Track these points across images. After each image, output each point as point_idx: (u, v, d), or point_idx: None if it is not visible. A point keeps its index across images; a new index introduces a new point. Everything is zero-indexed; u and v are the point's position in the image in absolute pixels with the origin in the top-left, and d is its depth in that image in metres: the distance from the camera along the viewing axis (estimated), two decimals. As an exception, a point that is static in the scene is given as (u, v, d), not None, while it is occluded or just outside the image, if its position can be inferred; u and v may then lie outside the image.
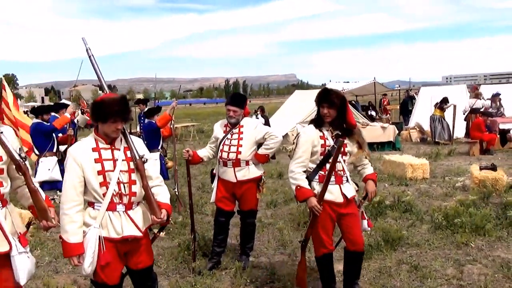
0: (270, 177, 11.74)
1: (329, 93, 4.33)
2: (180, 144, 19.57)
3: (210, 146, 5.74)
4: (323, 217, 4.35)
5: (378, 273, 5.25)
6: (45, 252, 6.56)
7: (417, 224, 7.09)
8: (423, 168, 10.77)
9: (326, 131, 4.38)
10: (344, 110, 4.27)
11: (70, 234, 3.32)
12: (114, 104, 3.42)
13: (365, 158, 4.60)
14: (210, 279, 5.30)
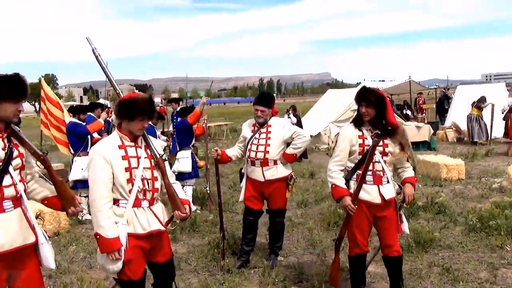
0: (302, 177, 11.72)
1: (366, 92, 4.28)
2: (213, 143, 19.75)
3: (238, 145, 5.78)
4: (359, 217, 4.32)
5: (409, 275, 5.16)
6: (80, 248, 6.70)
7: (450, 226, 6.95)
8: (459, 168, 10.56)
9: (366, 131, 4.33)
10: (383, 108, 4.18)
11: (107, 230, 3.40)
12: (143, 103, 3.55)
13: (407, 161, 4.39)
14: (239, 277, 5.32)
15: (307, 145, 5.64)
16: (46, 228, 7.15)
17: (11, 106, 3.09)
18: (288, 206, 8.65)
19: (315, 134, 17.39)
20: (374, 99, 4.19)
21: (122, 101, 3.59)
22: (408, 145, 4.32)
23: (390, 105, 4.29)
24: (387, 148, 4.28)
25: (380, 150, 4.27)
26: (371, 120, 4.27)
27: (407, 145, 4.30)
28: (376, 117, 4.23)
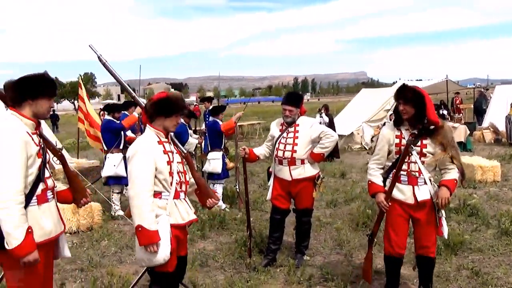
0: (333, 176, 11.70)
1: (404, 89, 4.24)
2: (245, 141, 19.88)
3: (266, 144, 5.83)
4: (394, 216, 4.37)
5: (436, 278, 5.08)
6: (112, 243, 6.87)
7: (482, 229, 6.83)
8: (494, 170, 10.32)
9: (405, 130, 4.29)
10: (423, 107, 4.07)
11: (151, 222, 3.52)
12: (178, 100, 3.80)
13: (450, 162, 4.21)
14: (265, 275, 5.37)
15: (334, 145, 5.59)
16: (80, 223, 7.44)
17: (46, 103, 3.28)
18: (317, 205, 8.69)
19: (347, 133, 17.29)
20: (412, 96, 4.13)
21: (159, 99, 3.74)
22: (452, 146, 4.16)
23: (431, 104, 4.16)
24: (425, 148, 4.19)
25: (418, 150, 4.21)
26: (409, 119, 4.21)
27: (450, 145, 4.13)
28: (415, 115, 4.15)
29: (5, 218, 2.94)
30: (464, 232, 6.49)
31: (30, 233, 3.02)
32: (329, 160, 14.25)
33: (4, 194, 2.95)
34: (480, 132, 18.22)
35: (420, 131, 4.20)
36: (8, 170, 2.99)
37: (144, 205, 3.54)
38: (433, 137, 4.16)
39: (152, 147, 3.66)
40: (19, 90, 3.20)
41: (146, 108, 3.80)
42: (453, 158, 4.17)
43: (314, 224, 7.36)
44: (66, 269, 5.87)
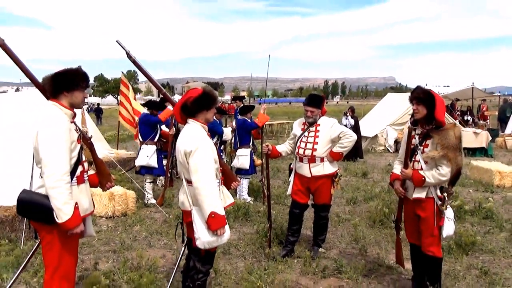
0: (355, 176, 11.65)
1: (417, 90, 4.32)
2: (274, 140, 19.91)
3: (289, 142, 5.89)
4: (406, 209, 4.55)
5: (446, 275, 5.06)
6: (143, 228, 7.05)
7: (495, 232, 6.73)
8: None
9: (419, 130, 4.33)
10: (433, 107, 4.10)
11: (221, 208, 3.71)
12: (214, 93, 4.02)
13: (446, 163, 4.09)
14: (282, 265, 5.45)
15: (353, 145, 5.60)
16: (116, 209, 7.65)
17: (80, 94, 3.49)
18: (338, 202, 8.72)
19: (372, 135, 17.16)
20: (424, 97, 4.17)
21: (199, 95, 3.84)
22: (452, 148, 4.07)
23: (442, 106, 4.18)
24: (426, 148, 4.22)
25: (421, 150, 4.26)
26: (421, 119, 4.25)
27: (449, 147, 4.07)
28: (426, 116, 4.19)
29: (56, 196, 3.19)
30: (476, 234, 6.41)
31: (77, 208, 3.30)
32: (353, 160, 14.20)
33: (54, 175, 3.20)
34: (503, 138, 17.80)
35: (427, 131, 4.22)
36: (57, 154, 3.24)
37: (214, 193, 3.69)
38: (435, 138, 4.16)
39: (209, 141, 3.83)
40: (56, 83, 3.40)
41: (187, 105, 3.81)
42: (450, 160, 4.09)
43: (333, 220, 7.39)
44: (100, 250, 6.07)
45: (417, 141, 4.30)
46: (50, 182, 3.20)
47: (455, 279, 5.01)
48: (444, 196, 4.22)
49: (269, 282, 4.84)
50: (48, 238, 3.41)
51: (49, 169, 3.21)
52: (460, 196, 8.51)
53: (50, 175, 3.21)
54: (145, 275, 4.78)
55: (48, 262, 3.45)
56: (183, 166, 3.84)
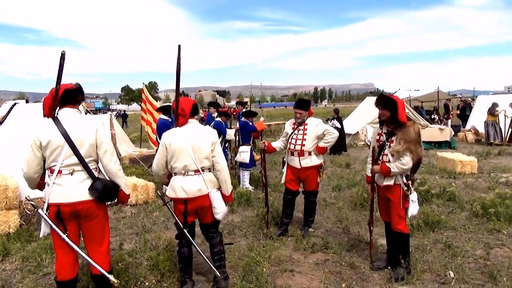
0: (339, 166, 11.58)
1: (381, 97, 4.30)
2: (272, 137, 19.84)
3: (282, 139, 5.85)
4: (379, 194, 4.51)
5: (415, 249, 5.03)
6: (162, 214, 7.00)
7: (457, 211, 6.67)
8: (472, 164, 10.03)
9: (385, 129, 4.31)
10: (395, 110, 4.09)
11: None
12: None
13: (408, 155, 4.04)
14: (278, 242, 5.41)
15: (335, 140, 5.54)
16: (138, 198, 7.60)
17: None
18: (325, 189, 8.66)
19: (354, 132, 17.06)
20: (387, 102, 4.18)
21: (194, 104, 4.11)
22: (413, 142, 4.05)
23: (403, 108, 4.16)
24: (392, 143, 4.20)
25: (388, 145, 4.24)
26: (386, 120, 4.24)
27: (410, 141, 4.05)
28: (390, 117, 4.18)
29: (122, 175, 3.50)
30: (441, 213, 6.36)
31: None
32: (338, 153, 14.13)
33: (118, 160, 3.53)
34: (463, 133, 17.66)
35: (392, 130, 4.20)
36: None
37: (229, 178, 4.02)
38: (398, 134, 4.13)
39: None
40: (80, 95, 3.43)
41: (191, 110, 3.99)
42: (412, 152, 4.07)
43: (321, 204, 7.34)
44: (125, 233, 6.04)
45: (384, 138, 4.29)
46: (117, 165, 3.43)
47: (423, 252, 4.96)
48: (409, 183, 4.20)
49: (267, 257, 4.81)
50: (101, 215, 3.44)
51: (114, 157, 3.43)
52: (428, 182, 8.44)
53: (116, 160, 3.43)
54: (162, 254, 4.76)
55: (103, 236, 3.47)
56: (204, 156, 3.86)
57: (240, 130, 9.15)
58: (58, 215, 3.23)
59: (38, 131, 3.24)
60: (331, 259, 4.86)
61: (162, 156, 3.90)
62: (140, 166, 10.35)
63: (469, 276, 4.29)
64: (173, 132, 3.93)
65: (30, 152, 3.25)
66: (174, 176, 3.92)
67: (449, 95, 34.35)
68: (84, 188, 3.27)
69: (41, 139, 3.21)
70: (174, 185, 3.90)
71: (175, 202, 3.98)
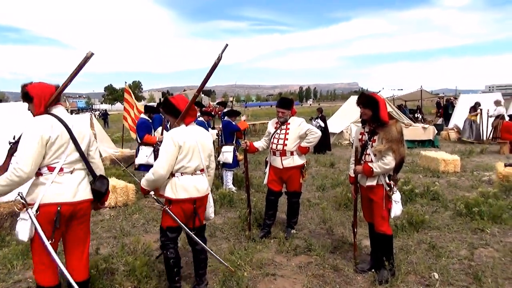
0: (324, 166, 11.52)
1: (362, 96, 4.21)
2: (257, 137, 19.71)
3: (264, 139, 5.71)
4: (362, 195, 4.42)
5: (399, 250, 4.95)
6: (142, 216, 6.81)
7: (441, 211, 6.62)
8: (455, 163, 10.06)
9: (367, 128, 4.22)
10: (376, 109, 4.01)
11: None
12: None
13: (390, 154, 3.95)
14: (260, 245, 5.27)
15: (318, 140, 5.43)
16: (118, 200, 7.38)
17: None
18: (309, 189, 8.57)
19: (338, 131, 17.04)
20: (368, 101, 4.10)
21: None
22: (395, 141, 3.96)
23: (384, 107, 4.08)
24: (374, 143, 4.11)
25: (370, 144, 4.15)
26: (368, 119, 4.15)
27: (392, 140, 3.96)
28: (372, 117, 4.09)
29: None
30: (425, 213, 6.30)
31: None
32: (323, 152, 14.08)
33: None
34: (446, 132, 17.81)
35: (374, 129, 4.11)
36: None
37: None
38: (380, 133, 4.04)
39: None
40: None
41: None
42: (394, 151, 3.98)
43: (304, 204, 7.24)
44: (103, 237, 5.83)
45: (367, 138, 4.19)
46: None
47: (407, 253, 4.88)
48: (391, 183, 4.10)
49: (248, 261, 4.67)
50: (89, 216, 3.35)
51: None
52: (411, 181, 8.41)
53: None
54: (140, 258, 4.56)
55: (86, 240, 3.33)
56: (208, 155, 3.88)
57: (222, 130, 8.99)
58: (58, 216, 3.03)
59: (43, 126, 3.00)
60: (314, 261, 4.73)
61: (173, 156, 3.62)
62: (120, 167, 10.11)
63: (454, 278, 4.22)
64: (181, 131, 3.70)
65: (35, 150, 2.95)
66: (180, 176, 3.69)
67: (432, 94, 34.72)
68: (86, 187, 3.20)
69: (51, 134, 3.00)
70: (184, 185, 3.68)
71: (178, 204, 3.70)
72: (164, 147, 3.65)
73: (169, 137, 3.64)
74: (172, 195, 3.69)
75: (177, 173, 3.69)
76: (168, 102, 3.79)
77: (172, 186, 3.70)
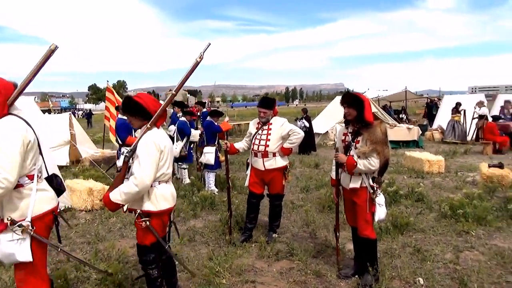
0: (308, 167, 11.38)
1: (347, 95, 4.06)
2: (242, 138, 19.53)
3: (245, 140, 5.53)
4: (345, 198, 4.25)
5: (383, 254, 4.82)
6: (119, 220, 6.55)
7: (425, 212, 6.52)
8: (439, 164, 10.02)
9: (350, 129, 4.06)
10: (361, 109, 3.86)
11: None
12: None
13: (376, 156, 3.81)
14: (241, 250, 5.08)
15: (301, 141, 5.28)
16: (94, 203, 7.12)
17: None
18: (293, 191, 8.42)
19: (323, 132, 16.96)
20: (352, 100, 3.93)
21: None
22: (380, 142, 3.82)
23: (369, 107, 3.94)
24: (358, 144, 3.94)
25: (354, 145, 3.98)
26: (352, 120, 3.98)
27: (377, 142, 3.81)
28: (356, 117, 3.93)
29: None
30: (410, 215, 6.19)
31: None
32: (307, 153, 13.97)
33: None
34: (431, 132, 17.88)
35: (358, 129, 3.95)
36: None
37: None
38: (364, 134, 3.88)
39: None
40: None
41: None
42: (378, 153, 3.83)
43: (288, 207, 7.08)
44: (76, 242, 5.58)
45: (350, 138, 4.03)
46: None
47: (392, 257, 4.74)
48: (375, 185, 3.94)
49: (227, 267, 4.46)
50: None
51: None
52: (396, 182, 8.33)
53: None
54: (113, 266, 4.35)
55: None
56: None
57: (204, 131, 8.79)
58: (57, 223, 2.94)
59: (21, 129, 2.69)
60: (296, 267, 4.56)
61: (157, 162, 3.20)
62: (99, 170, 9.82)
63: (439, 283, 4.09)
64: (159, 134, 3.31)
65: (19, 156, 2.63)
66: (157, 185, 3.29)
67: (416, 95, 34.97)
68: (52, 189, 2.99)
69: (30, 138, 2.72)
70: (164, 194, 3.31)
71: (160, 216, 3.32)
72: (146, 153, 3.14)
73: (151, 141, 3.18)
74: (152, 208, 3.26)
75: (155, 182, 3.26)
76: (135, 103, 3.32)
77: (151, 197, 3.26)
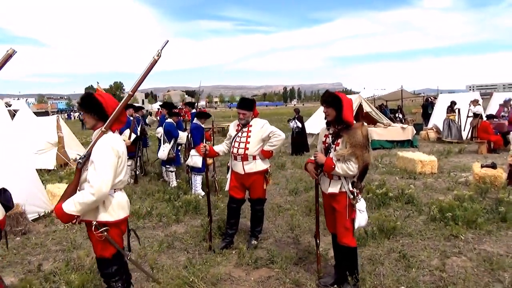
0: (299, 168, 11.20)
1: (325, 94, 3.87)
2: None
3: (226, 142, 5.33)
4: (324, 203, 4.07)
5: (367, 261, 4.63)
6: (100, 225, 6.36)
7: (414, 215, 6.32)
8: (432, 164, 9.84)
9: (331, 130, 3.87)
10: (340, 108, 3.66)
11: None
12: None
13: (354, 160, 3.61)
14: (221, 257, 4.90)
15: (282, 143, 5.10)
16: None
17: None
18: (282, 193, 8.24)
19: (317, 132, 16.79)
20: (331, 100, 3.74)
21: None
22: (359, 146, 3.61)
23: (349, 107, 3.72)
24: (338, 147, 3.74)
25: (333, 148, 3.78)
26: (333, 120, 3.78)
27: (356, 145, 3.61)
28: (336, 117, 3.74)
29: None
30: (398, 218, 6.01)
31: None
32: (300, 154, 13.80)
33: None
34: (426, 132, 17.70)
35: (338, 131, 3.75)
36: None
37: None
38: (344, 137, 3.70)
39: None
40: None
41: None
42: (357, 157, 3.62)
43: (274, 210, 6.90)
44: (51, 250, 5.39)
45: (330, 140, 3.83)
46: None
47: (377, 263, 4.55)
48: (354, 191, 3.74)
49: (202, 276, 4.26)
50: None
51: None
52: (387, 183, 8.15)
53: None
54: (85, 276, 4.16)
55: None
56: None
57: (191, 132, 8.61)
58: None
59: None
60: (275, 275, 4.36)
61: (115, 169, 3.00)
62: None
63: (423, 292, 3.91)
64: (115, 138, 3.09)
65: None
66: (113, 193, 3.11)
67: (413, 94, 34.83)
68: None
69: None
70: (121, 202, 3.14)
71: (118, 226, 3.15)
72: (103, 159, 2.92)
73: (109, 146, 2.97)
74: (110, 218, 3.07)
75: (111, 190, 3.05)
76: (93, 100, 3.08)
77: (107, 207, 3.07)
